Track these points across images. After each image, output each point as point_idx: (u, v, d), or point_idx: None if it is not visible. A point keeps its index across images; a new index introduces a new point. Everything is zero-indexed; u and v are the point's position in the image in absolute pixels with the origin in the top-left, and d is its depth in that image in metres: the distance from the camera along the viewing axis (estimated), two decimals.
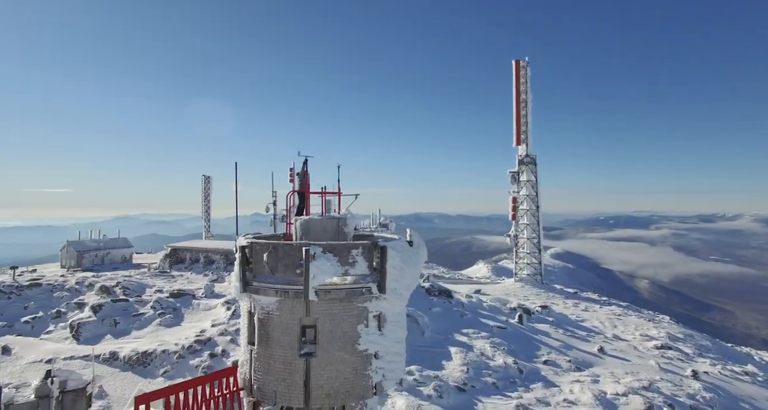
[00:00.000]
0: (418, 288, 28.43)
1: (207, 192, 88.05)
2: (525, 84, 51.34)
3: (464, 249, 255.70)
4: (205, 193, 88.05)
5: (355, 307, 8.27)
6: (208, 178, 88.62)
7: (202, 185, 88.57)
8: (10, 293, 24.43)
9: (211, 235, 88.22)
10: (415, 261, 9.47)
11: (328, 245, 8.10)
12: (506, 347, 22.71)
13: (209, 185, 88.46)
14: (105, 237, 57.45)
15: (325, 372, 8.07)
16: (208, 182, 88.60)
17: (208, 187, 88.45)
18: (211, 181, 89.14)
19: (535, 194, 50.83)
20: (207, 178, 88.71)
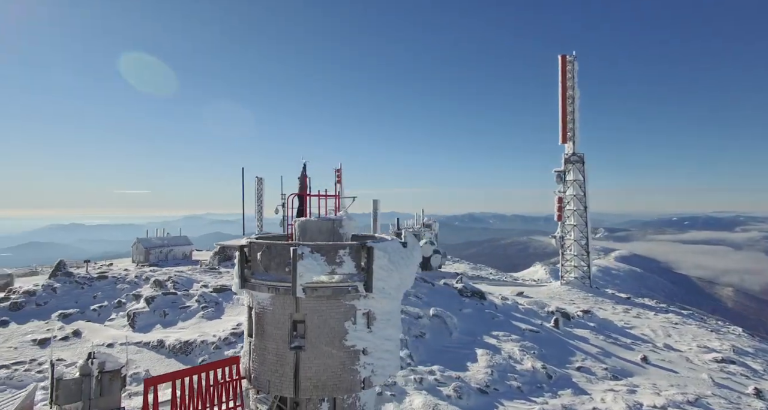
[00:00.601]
0: (450, 290, 28.27)
1: (260, 193, 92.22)
2: (572, 79, 49.13)
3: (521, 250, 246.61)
4: (258, 193, 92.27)
5: (342, 305, 8.65)
6: (261, 180, 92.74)
7: (255, 186, 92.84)
8: (83, 284, 27.49)
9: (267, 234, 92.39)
10: (408, 262, 9.69)
11: (315, 245, 8.55)
12: (537, 351, 22.05)
13: (261, 186, 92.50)
14: (169, 236, 62.08)
15: (314, 365, 8.52)
16: (261, 183, 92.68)
17: (260, 187, 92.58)
18: (263, 182, 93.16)
19: (582, 194, 48.48)
20: (260, 179, 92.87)
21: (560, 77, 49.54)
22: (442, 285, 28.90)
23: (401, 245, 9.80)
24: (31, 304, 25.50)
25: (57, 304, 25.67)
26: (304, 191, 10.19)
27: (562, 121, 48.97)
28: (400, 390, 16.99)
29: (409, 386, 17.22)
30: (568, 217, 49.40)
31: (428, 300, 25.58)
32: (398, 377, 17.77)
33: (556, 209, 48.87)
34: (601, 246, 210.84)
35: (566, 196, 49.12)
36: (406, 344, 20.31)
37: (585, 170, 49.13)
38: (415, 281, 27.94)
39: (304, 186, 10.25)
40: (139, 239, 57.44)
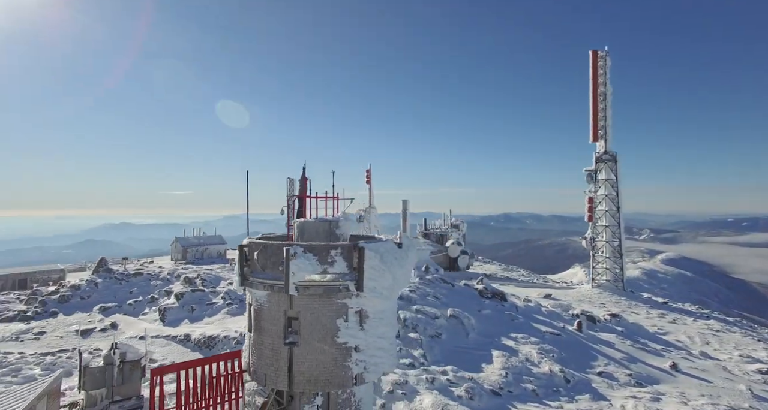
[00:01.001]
0: (470, 290, 28.01)
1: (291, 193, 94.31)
2: (603, 75, 47.43)
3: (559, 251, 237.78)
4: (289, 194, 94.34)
5: (334, 303, 8.93)
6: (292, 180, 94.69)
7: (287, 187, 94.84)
8: (121, 280, 29.28)
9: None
10: (402, 263, 9.86)
11: (308, 245, 8.87)
12: (556, 354, 21.55)
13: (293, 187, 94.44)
14: (204, 235, 64.68)
15: (306, 361, 8.85)
16: (292, 184, 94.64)
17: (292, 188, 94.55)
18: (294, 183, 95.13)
19: (615, 194, 46.67)
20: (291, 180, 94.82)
21: (591, 73, 48.00)
22: (462, 285, 28.68)
23: (396, 246, 9.99)
24: (77, 297, 27.45)
25: (98, 298, 27.45)
26: (303, 193, 10.53)
27: (593, 118, 47.40)
28: (411, 389, 17.10)
29: (421, 385, 17.30)
30: (599, 218, 47.73)
31: (447, 301, 25.49)
32: (410, 376, 17.90)
33: (587, 209, 47.33)
34: (646, 248, 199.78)
35: (597, 196, 47.49)
36: (421, 344, 20.39)
37: (618, 169, 47.34)
38: (435, 281, 27.93)
39: (304, 188, 10.60)
40: (178, 238, 60.24)
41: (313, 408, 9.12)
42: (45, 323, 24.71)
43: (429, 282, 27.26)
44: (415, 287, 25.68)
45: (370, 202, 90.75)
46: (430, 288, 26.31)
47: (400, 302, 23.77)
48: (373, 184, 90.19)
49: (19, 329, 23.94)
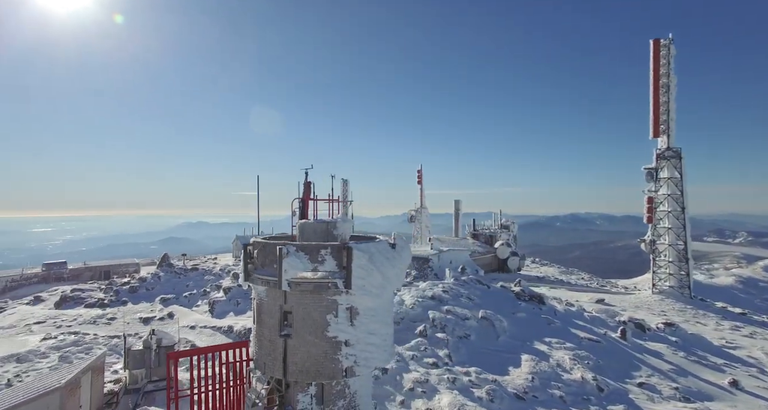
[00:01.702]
0: (506, 292, 27.31)
1: (345, 194, 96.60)
2: (666, 66, 43.80)
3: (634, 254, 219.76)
4: (344, 194, 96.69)
5: (324, 299, 9.48)
6: (346, 181, 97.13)
7: (341, 187, 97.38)
8: (180, 274, 32.17)
9: None
10: (394, 263, 10.21)
11: (300, 245, 9.51)
12: (591, 362, 20.52)
13: (347, 188, 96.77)
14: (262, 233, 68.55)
15: (299, 352, 9.49)
16: (346, 185, 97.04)
17: (345, 189, 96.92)
18: (348, 183, 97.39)
19: (679, 193, 42.95)
20: (345, 181, 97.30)
21: (652, 64, 44.68)
22: (499, 287, 28.06)
23: (389, 246, 10.36)
24: (143, 289, 30.56)
25: (160, 290, 30.31)
26: (306, 196, 11.17)
27: (653, 112, 44.10)
28: (431, 387, 17.26)
29: (442, 385, 17.38)
30: (660, 219, 44.29)
31: (480, 302, 25.15)
32: (432, 375, 18.05)
33: (646, 210, 44.13)
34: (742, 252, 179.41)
35: (659, 196, 44.09)
36: (447, 344, 20.40)
37: (683, 166, 43.65)
38: (470, 283, 27.66)
39: (306, 191, 11.25)
40: (238, 236, 64.31)
41: (306, 396, 9.74)
42: (116, 310, 27.83)
43: (464, 284, 27.05)
44: (448, 288, 25.65)
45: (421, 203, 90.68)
46: (464, 289, 26.13)
47: (430, 302, 23.94)
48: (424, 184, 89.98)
49: (97, 314, 27.21)
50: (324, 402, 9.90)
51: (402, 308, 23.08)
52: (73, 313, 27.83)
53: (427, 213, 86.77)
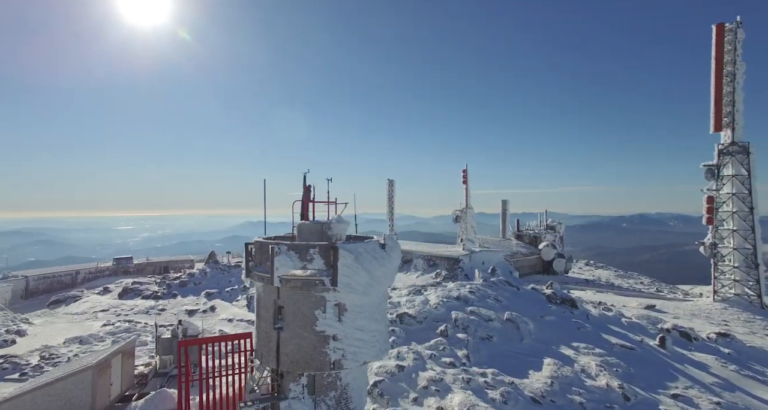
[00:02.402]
0: (537, 295, 26.57)
1: (391, 194, 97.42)
2: (732, 52, 40.13)
3: None
4: (390, 195, 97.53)
5: (313, 295, 10.14)
6: (392, 182, 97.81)
7: (387, 188, 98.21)
8: (224, 270, 34.48)
9: (395, 234, 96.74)
10: (383, 263, 10.68)
11: (291, 244, 10.25)
12: (621, 369, 19.60)
13: (393, 188, 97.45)
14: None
15: (290, 344, 10.22)
16: (392, 185, 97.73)
17: (392, 189, 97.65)
18: (394, 184, 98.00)
19: (746, 192, 39.23)
20: (391, 181, 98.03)
21: (714, 51, 41.27)
22: (529, 289, 27.37)
23: (379, 247, 10.84)
24: (191, 283, 33.15)
25: (206, 285, 32.73)
26: (305, 199, 11.89)
27: (714, 104, 40.71)
28: (445, 386, 17.45)
29: (456, 384, 17.51)
30: (723, 220, 40.78)
31: (507, 304, 24.74)
32: (448, 375, 18.22)
33: (705, 210, 40.82)
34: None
35: (721, 195, 40.65)
36: (467, 344, 20.42)
37: (751, 162, 39.94)
38: (499, 284, 27.30)
39: (306, 193, 11.96)
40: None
41: (298, 386, 10.47)
42: (167, 302, 30.47)
43: (492, 285, 26.75)
44: (475, 289, 25.54)
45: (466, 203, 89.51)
46: (492, 290, 25.86)
47: (455, 303, 24.01)
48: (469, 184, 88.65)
49: (150, 305, 29.97)
50: (315, 392, 10.56)
51: (426, 307, 23.35)
52: (131, 304, 30.92)
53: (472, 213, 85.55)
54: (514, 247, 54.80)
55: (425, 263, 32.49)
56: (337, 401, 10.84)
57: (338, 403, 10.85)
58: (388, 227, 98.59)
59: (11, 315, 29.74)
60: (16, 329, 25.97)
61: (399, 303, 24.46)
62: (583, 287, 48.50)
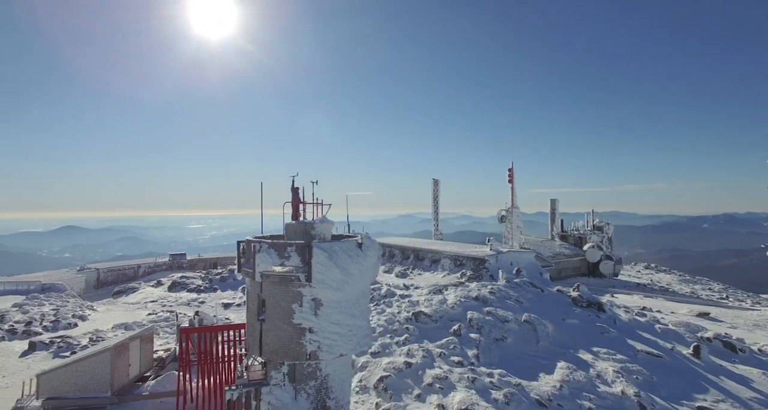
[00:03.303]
0: (562, 297, 25.67)
1: (435, 194, 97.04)
2: None
3: None
4: (434, 194, 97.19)
5: (290, 290, 10.95)
6: (437, 181, 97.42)
7: (432, 188, 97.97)
8: None
9: (440, 234, 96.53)
10: (358, 261, 11.31)
11: (272, 242, 11.12)
12: (642, 377, 18.62)
13: (438, 188, 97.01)
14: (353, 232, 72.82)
15: (271, 335, 11.11)
16: (437, 185, 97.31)
17: (437, 189, 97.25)
18: (439, 184, 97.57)
19: None
20: (436, 181, 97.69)
21: None
22: (554, 291, 26.51)
23: (355, 245, 11.46)
24: (231, 278, 35.48)
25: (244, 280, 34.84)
26: (294, 200, 12.72)
27: None
28: (450, 385, 17.62)
29: (461, 383, 17.62)
30: None
31: (528, 306, 24.22)
32: (454, 373, 18.37)
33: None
34: None
35: None
36: (478, 344, 20.38)
37: None
38: (523, 285, 26.80)
39: (294, 195, 12.79)
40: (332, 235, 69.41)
41: (279, 374, 11.32)
42: (207, 295, 32.89)
43: (515, 286, 26.31)
44: (496, 289, 25.31)
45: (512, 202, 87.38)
46: (514, 291, 25.47)
47: (473, 303, 24.00)
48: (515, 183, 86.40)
49: (192, 298, 32.53)
50: (296, 380, 11.37)
51: (442, 307, 23.55)
52: (177, 296, 33.79)
53: (518, 213, 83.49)
54: (557, 248, 52.95)
55: (452, 263, 32.48)
56: (317, 390, 11.59)
57: (318, 392, 11.60)
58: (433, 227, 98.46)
59: (80, 303, 33.59)
60: (81, 314, 29.41)
61: (418, 302, 24.82)
62: (631, 291, 45.87)
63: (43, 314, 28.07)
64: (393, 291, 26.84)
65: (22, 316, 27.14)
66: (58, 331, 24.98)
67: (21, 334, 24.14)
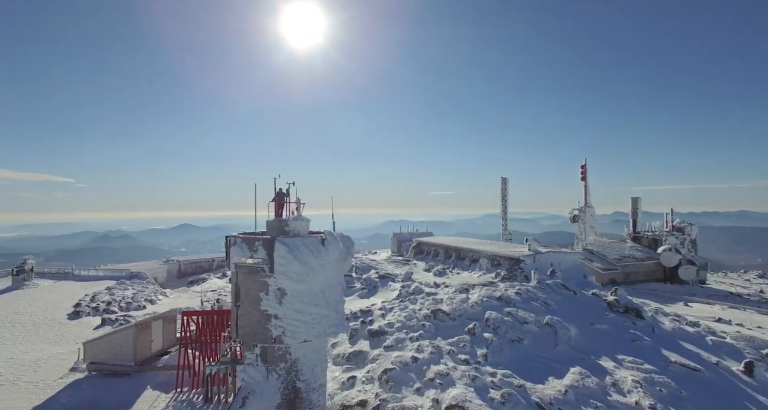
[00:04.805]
0: (596, 301, 23.95)
1: (504, 193, 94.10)
2: None
3: None
4: (503, 193, 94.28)
5: (258, 280, 12.35)
6: (505, 180, 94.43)
7: (501, 186, 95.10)
8: None
9: (509, 234, 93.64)
10: (318, 255, 12.43)
11: (244, 237, 12.61)
12: (667, 390, 17.04)
13: (506, 186, 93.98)
14: (417, 231, 73.54)
15: (243, 319, 12.62)
16: (506, 184, 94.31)
17: (505, 188, 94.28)
18: (507, 182, 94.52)
19: None
20: (504, 179, 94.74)
21: None
22: (589, 295, 24.83)
23: (318, 242, 12.55)
24: None
25: None
26: (277, 200, 14.06)
27: None
28: (450, 381, 17.81)
29: (462, 380, 17.70)
30: None
31: (556, 308, 23.13)
32: (457, 370, 18.51)
33: None
34: None
35: None
36: (489, 344, 20.18)
37: None
38: (554, 287, 25.70)
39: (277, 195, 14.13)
40: (395, 234, 71.04)
41: (252, 354, 12.80)
42: None
43: (545, 287, 25.32)
44: (523, 290, 24.68)
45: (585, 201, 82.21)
46: (543, 293, 24.58)
47: (495, 303, 23.73)
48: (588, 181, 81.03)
49: None
50: (267, 361, 12.75)
51: (463, 306, 23.60)
52: None
53: (592, 212, 78.24)
54: (626, 250, 48.87)
55: (489, 263, 31.90)
56: (288, 372, 12.89)
57: (288, 374, 12.90)
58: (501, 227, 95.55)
59: (156, 289, 38.88)
60: (152, 299, 34.18)
61: (441, 300, 25.08)
62: (713, 301, 40.84)
63: (124, 297, 33.15)
64: (421, 289, 27.29)
65: (108, 297, 32.40)
66: (129, 311, 29.40)
67: (101, 312, 28.91)
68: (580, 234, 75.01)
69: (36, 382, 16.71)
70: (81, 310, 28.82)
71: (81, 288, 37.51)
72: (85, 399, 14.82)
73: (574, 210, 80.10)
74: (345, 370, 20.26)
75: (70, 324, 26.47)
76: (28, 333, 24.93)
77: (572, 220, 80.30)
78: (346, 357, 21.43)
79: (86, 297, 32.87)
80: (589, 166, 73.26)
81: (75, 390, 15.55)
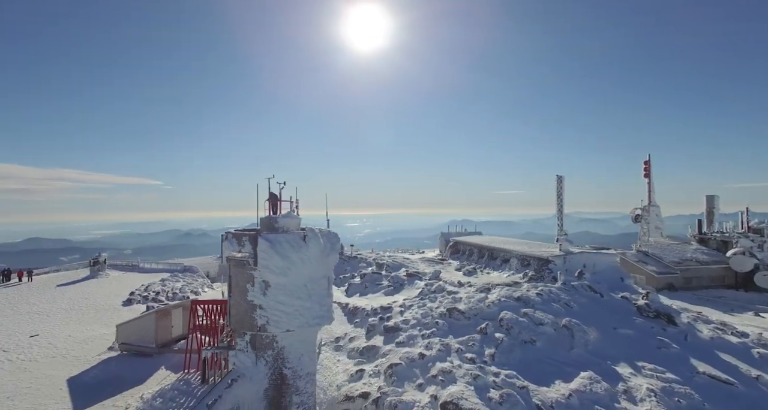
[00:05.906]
0: (625, 305, 22.51)
1: (559, 191, 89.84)
2: None
3: None
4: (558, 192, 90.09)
5: (245, 272, 13.52)
6: (561, 178, 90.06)
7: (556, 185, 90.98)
8: (344, 260, 40.16)
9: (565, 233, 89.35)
10: (300, 250, 13.38)
11: (234, 233, 13.84)
12: (687, 401, 15.87)
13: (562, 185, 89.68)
14: (465, 231, 72.88)
15: (234, 308, 13.86)
16: (561, 182, 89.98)
17: (560, 186, 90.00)
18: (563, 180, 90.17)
19: None
20: (560, 177, 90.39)
21: None
22: (618, 298, 23.41)
23: (299, 238, 13.49)
24: None
25: None
26: (271, 199, 15.16)
27: None
28: (452, 378, 17.95)
29: (464, 379, 17.76)
30: None
31: (578, 310, 22.19)
32: (461, 369, 18.64)
33: None
34: None
35: None
36: (498, 344, 19.97)
37: None
38: (580, 288, 24.74)
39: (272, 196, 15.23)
40: (442, 233, 71.05)
41: (243, 341, 14.00)
42: None
43: (569, 289, 24.41)
44: (545, 291, 24.05)
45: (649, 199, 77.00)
46: (566, 294, 23.77)
47: (513, 303, 23.43)
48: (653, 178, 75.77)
49: None
50: (256, 348, 13.89)
51: (479, 305, 23.53)
52: None
53: (657, 211, 72.93)
54: (688, 253, 45.10)
55: (519, 263, 31.18)
56: (275, 359, 13.97)
57: (275, 361, 13.98)
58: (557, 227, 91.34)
59: (204, 282, 42.46)
60: (197, 290, 37.45)
61: (460, 298, 25.11)
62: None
63: (173, 288, 36.61)
64: (443, 287, 27.38)
65: (159, 288, 35.99)
66: (175, 301, 32.49)
67: (150, 301, 32.24)
68: (643, 236, 70.07)
69: (80, 357, 19.54)
70: (133, 298, 32.38)
71: (141, 279, 41.94)
72: (111, 374, 17.22)
73: (637, 209, 74.93)
74: (356, 364, 21.15)
75: (122, 310, 29.93)
76: (88, 316, 28.62)
77: (634, 220, 75.14)
78: (359, 351, 22.31)
79: (141, 287, 36.71)
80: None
81: (105, 366, 18.14)
